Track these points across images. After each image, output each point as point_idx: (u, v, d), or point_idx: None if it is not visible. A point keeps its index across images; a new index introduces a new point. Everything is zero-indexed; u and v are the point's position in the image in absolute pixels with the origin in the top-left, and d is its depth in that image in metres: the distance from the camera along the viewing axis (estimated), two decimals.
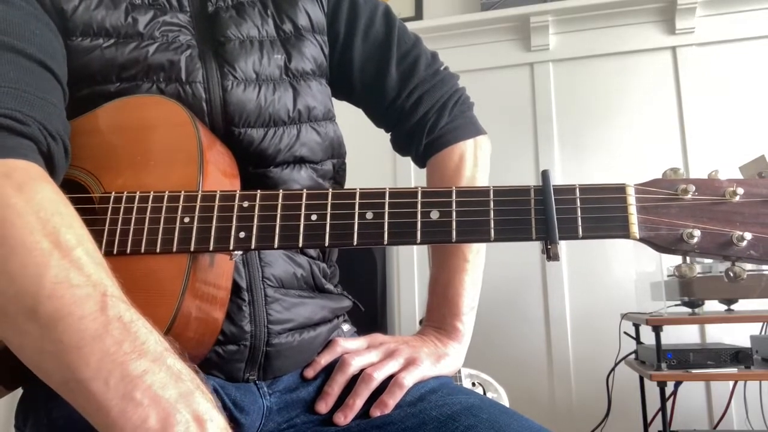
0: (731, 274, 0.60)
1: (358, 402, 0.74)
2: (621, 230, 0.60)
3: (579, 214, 0.61)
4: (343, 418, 0.73)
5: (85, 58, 0.71)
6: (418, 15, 2.54)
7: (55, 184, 0.57)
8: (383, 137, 0.98)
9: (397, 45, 0.88)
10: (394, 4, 2.58)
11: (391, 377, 0.76)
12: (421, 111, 0.88)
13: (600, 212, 0.61)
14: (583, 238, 0.60)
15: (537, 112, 2.37)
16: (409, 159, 0.95)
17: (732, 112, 2.19)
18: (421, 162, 0.92)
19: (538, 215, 0.61)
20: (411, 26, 0.94)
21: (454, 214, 0.62)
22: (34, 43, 0.63)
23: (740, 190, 0.60)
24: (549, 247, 0.60)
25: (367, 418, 0.73)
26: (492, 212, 0.61)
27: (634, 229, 0.60)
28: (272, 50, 0.78)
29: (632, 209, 0.60)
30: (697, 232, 0.59)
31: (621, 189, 0.61)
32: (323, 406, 0.74)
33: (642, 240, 0.60)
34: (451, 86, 0.90)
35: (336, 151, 0.83)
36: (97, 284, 0.50)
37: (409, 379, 0.75)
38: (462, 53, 2.43)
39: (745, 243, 0.58)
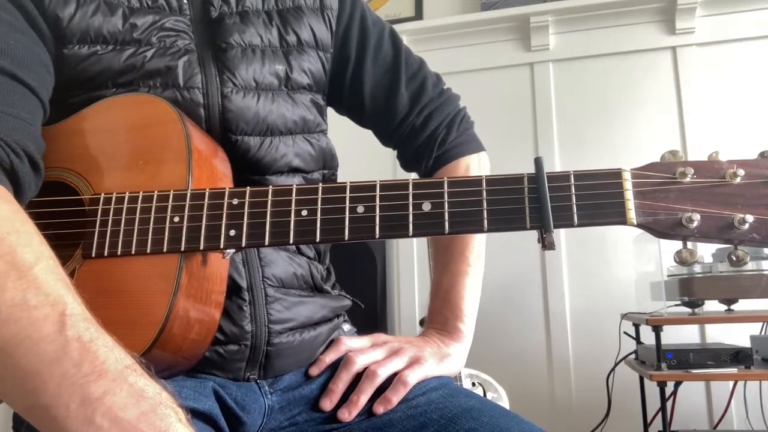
0: (734, 258, 0.59)
1: (362, 398, 0.74)
2: (618, 216, 0.59)
3: (574, 201, 0.59)
4: (348, 415, 0.73)
5: (82, 65, 0.70)
6: (418, 15, 2.54)
7: (16, 201, 0.56)
8: (382, 147, 0.99)
9: (405, 67, 0.91)
10: (394, 4, 2.59)
11: (394, 375, 0.76)
12: (431, 126, 0.91)
13: (596, 198, 0.59)
14: (579, 225, 0.59)
15: (537, 112, 2.37)
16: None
17: (732, 112, 2.19)
18: (428, 176, 0.93)
19: (532, 203, 0.60)
20: (411, 26, 0.95)
21: (446, 205, 0.61)
22: (8, 54, 0.62)
23: (741, 172, 0.58)
24: (544, 236, 0.59)
25: (370, 415, 0.73)
26: (485, 202, 0.61)
27: (631, 215, 0.58)
28: (273, 60, 0.78)
29: (629, 194, 0.59)
30: (696, 216, 0.57)
31: (617, 174, 0.60)
32: (328, 403, 0.75)
33: (639, 226, 0.59)
34: (456, 105, 0.94)
35: (328, 163, 0.84)
36: (56, 303, 0.48)
37: (413, 377, 0.76)
38: (462, 53, 2.42)
39: (747, 226, 0.57)
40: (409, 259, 2.40)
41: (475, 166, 0.92)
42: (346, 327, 0.87)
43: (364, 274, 1.42)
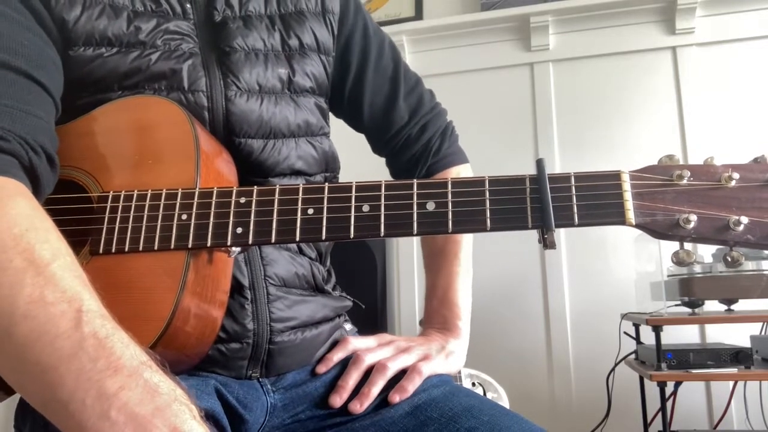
0: (729, 259, 0.61)
1: (374, 390, 0.75)
2: (617, 216, 0.61)
3: (574, 201, 0.61)
4: (359, 406, 0.74)
5: (88, 67, 0.71)
6: (418, 15, 2.54)
7: (35, 198, 0.56)
8: None
9: (404, 80, 0.94)
10: (394, 4, 2.60)
11: (402, 372, 0.78)
12: (426, 137, 0.94)
13: (595, 199, 0.61)
14: (580, 225, 0.61)
15: (537, 112, 2.37)
16: None
17: (732, 112, 2.20)
18: None
19: (534, 203, 0.61)
20: (411, 26, 0.96)
21: (450, 204, 0.62)
22: (22, 54, 0.63)
23: (736, 175, 0.60)
24: (545, 235, 0.61)
25: (378, 410, 0.75)
26: (488, 201, 0.62)
27: (630, 215, 0.60)
28: (276, 64, 0.79)
29: (627, 195, 0.61)
30: (693, 218, 0.59)
31: (616, 176, 0.62)
32: (338, 399, 0.76)
33: (638, 226, 0.61)
34: (445, 118, 0.99)
35: (330, 166, 0.86)
36: (73, 300, 0.49)
37: (426, 369, 0.78)
38: (462, 53, 2.42)
39: (741, 227, 0.59)
40: (409, 259, 2.40)
41: (465, 175, 0.96)
42: (348, 326, 0.88)
43: (364, 274, 1.42)
